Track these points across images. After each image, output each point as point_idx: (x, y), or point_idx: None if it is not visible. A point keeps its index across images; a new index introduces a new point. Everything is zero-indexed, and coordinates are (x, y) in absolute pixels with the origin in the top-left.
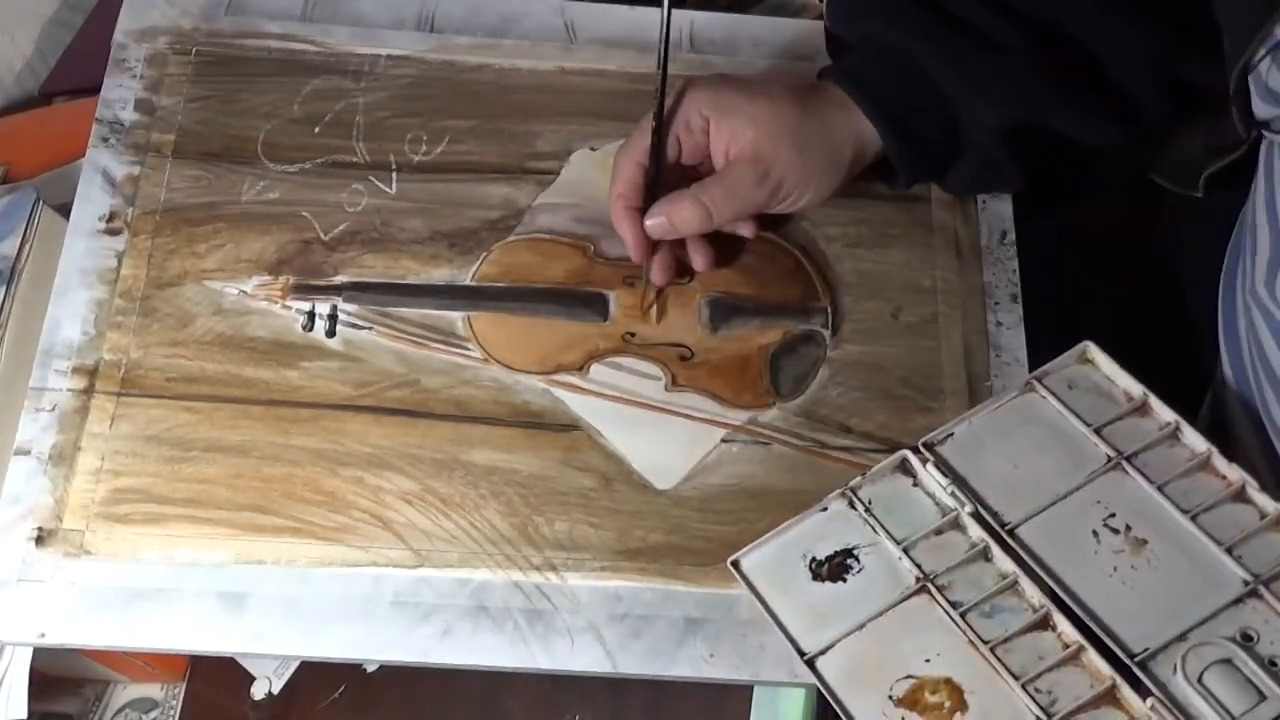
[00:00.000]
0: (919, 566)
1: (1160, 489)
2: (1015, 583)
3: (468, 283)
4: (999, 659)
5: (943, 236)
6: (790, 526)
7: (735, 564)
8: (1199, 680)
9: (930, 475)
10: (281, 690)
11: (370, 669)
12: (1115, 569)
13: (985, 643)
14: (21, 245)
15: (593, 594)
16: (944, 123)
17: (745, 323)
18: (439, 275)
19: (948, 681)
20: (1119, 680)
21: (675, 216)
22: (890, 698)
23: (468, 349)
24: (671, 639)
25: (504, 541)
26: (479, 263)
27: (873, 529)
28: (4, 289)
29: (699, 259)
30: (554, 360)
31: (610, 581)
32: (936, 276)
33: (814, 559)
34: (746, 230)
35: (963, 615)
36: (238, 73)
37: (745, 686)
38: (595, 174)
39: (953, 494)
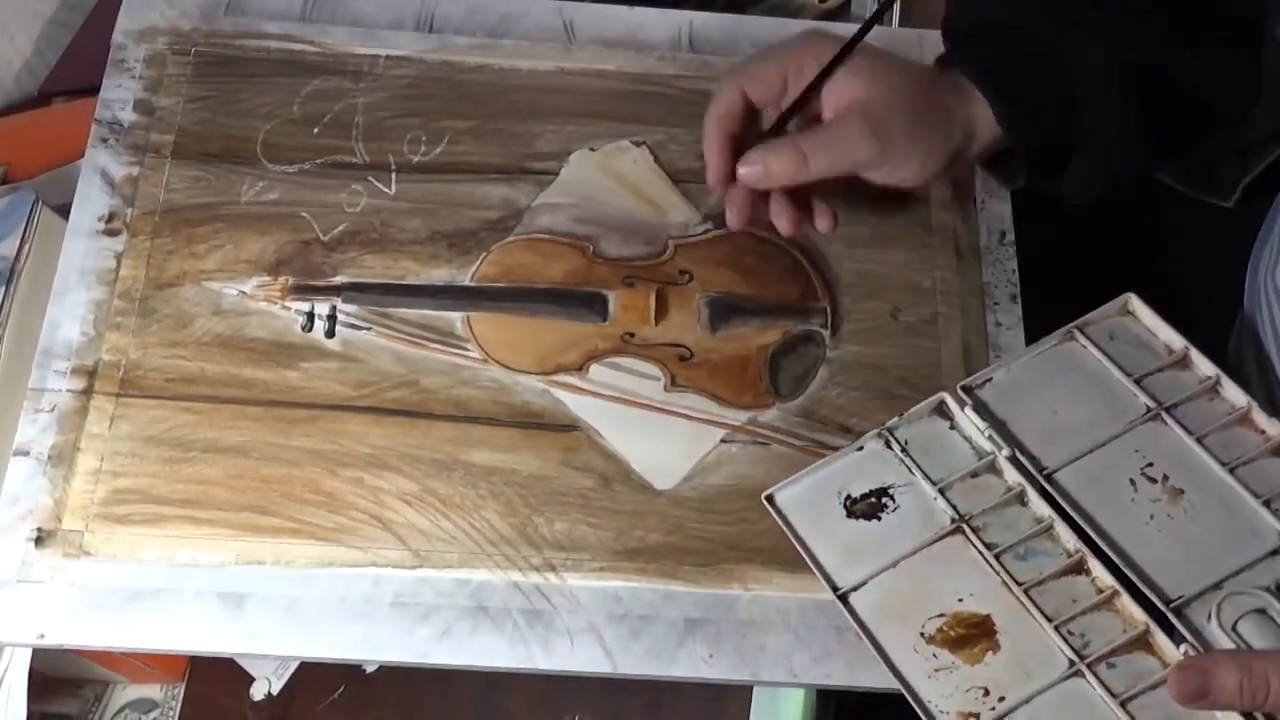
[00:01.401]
0: (954, 507)
1: (1199, 440)
2: (1050, 527)
3: (467, 283)
4: (1032, 601)
5: (942, 237)
6: (826, 464)
7: (770, 498)
8: (1233, 628)
9: (968, 418)
10: (281, 691)
11: (370, 669)
12: (1152, 517)
13: (1019, 584)
14: (21, 246)
15: (592, 594)
16: (1059, 96)
17: (744, 323)
18: (438, 276)
19: (981, 620)
20: (1152, 626)
21: (772, 163)
22: (922, 634)
23: (467, 349)
24: (671, 639)
25: (503, 542)
26: (478, 263)
27: (908, 469)
28: (3, 289)
29: (784, 221)
30: (553, 360)
31: (610, 582)
32: (936, 277)
33: (849, 496)
34: (824, 220)
35: (997, 556)
36: (237, 73)
37: (745, 687)
38: (595, 174)
39: (990, 438)
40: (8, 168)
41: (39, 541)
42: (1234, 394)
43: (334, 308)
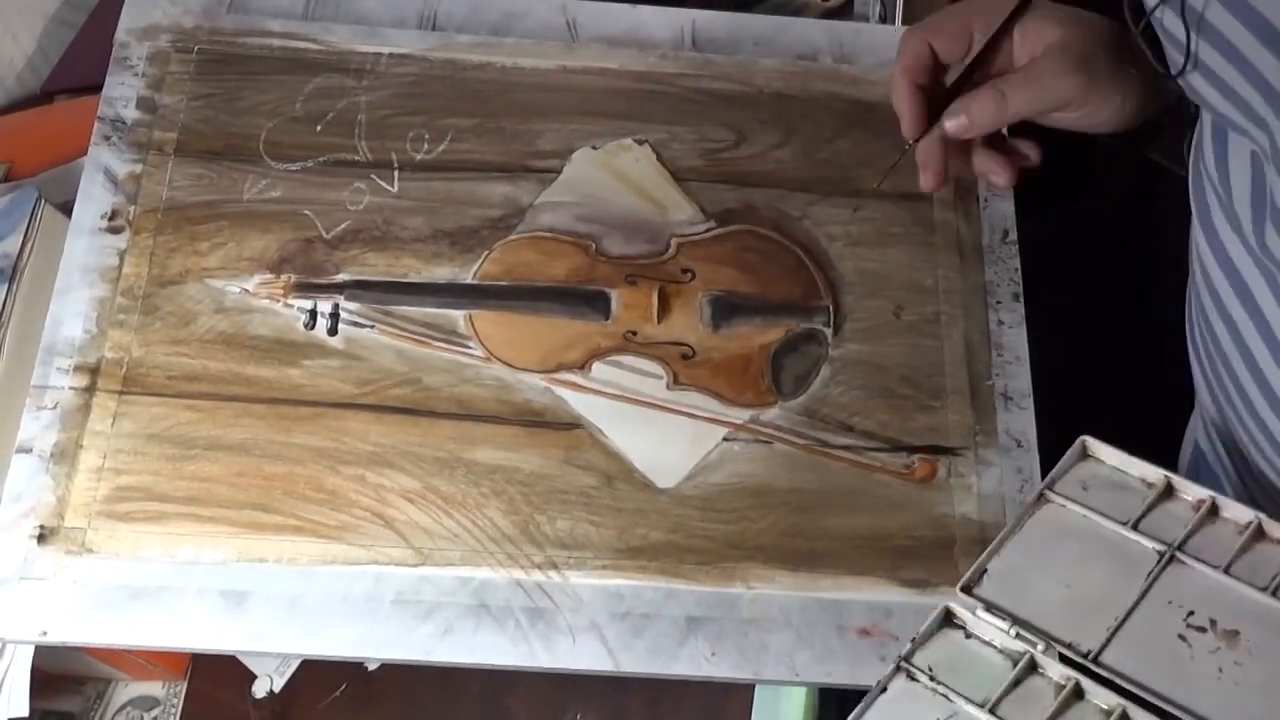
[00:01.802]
0: None
1: (1227, 571)
2: (1125, 715)
3: (469, 281)
4: None
5: (944, 235)
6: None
7: None
8: None
9: (984, 621)
10: (283, 688)
11: (371, 667)
12: (1221, 670)
13: None
14: (23, 243)
15: (594, 592)
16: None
17: (747, 321)
18: (441, 274)
19: None
20: None
21: (974, 109)
22: None
23: (469, 347)
24: (673, 637)
25: (506, 540)
26: (481, 261)
27: (946, 698)
28: (6, 287)
29: (1003, 174)
30: (556, 359)
31: (612, 580)
32: (938, 275)
33: None
34: (1032, 152)
35: None
36: (240, 71)
37: (747, 685)
38: (597, 172)
39: (1017, 635)
40: (10, 165)
41: (41, 539)
42: (1236, 511)
43: (336, 305)
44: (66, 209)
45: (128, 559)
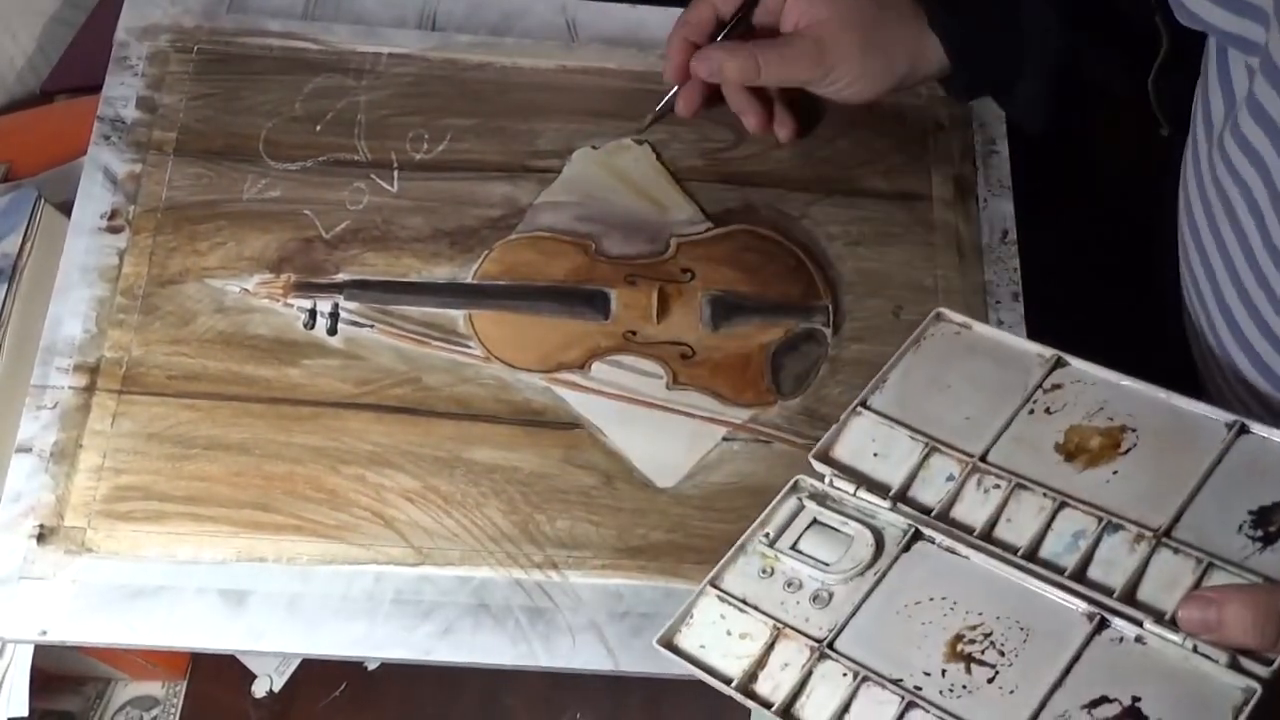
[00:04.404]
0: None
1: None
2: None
3: (469, 281)
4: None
5: (944, 235)
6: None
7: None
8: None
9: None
10: (283, 688)
11: (371, 667)
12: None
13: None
14: (23, 243)
15: (594, 592)
16: (1009, 48)
17: (746, 321)
18: (440, 273)
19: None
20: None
21: (728, 64)
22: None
23: (469, 347)
24: None
25: (505, 539)
26: (480, 261)
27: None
28: (5, 287)
29: (751, 119)
30: (555, 358)
31: (611, 579)
32: (938, 275)
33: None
34: (784, 129)
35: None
36: (239, 71)
37: None
38: (597, 172)
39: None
40: (10, 165)
41: (41, 538)
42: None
43: (336, 305)
44: (66, 209)
45: (127, 558)
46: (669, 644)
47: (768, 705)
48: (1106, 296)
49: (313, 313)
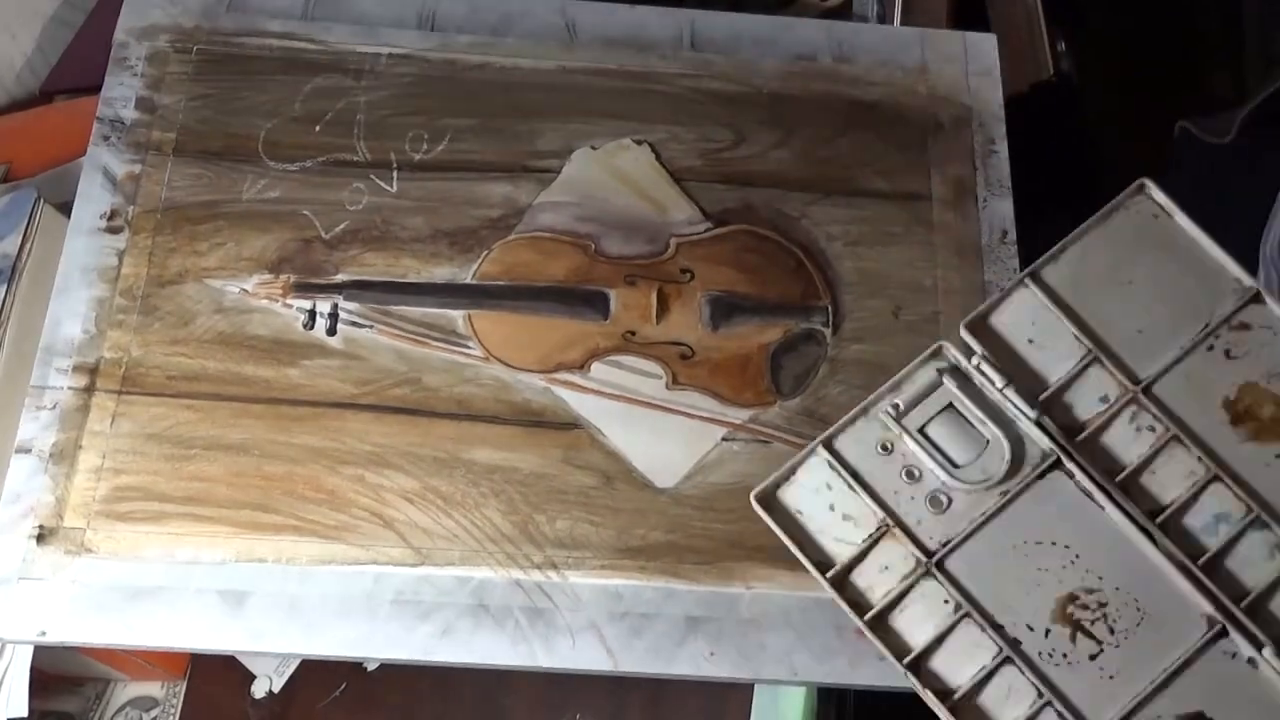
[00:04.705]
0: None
1: None
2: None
3: (469, 281)
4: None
5: (944, 236)
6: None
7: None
8: None
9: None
10: (282, 688)
11: (371, 667)
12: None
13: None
14: (22, 243)
15: (594, 592)
16: None
17: (746, 321)
18: (440, 274)
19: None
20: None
21: None
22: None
23: (469, 347)
24: (672, 637)
25: (505, 540)
26: (480, 261)
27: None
28: (5, 287)
29: None
30: (555, 359)
31: (611, 580)
32: (937, 275)
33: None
34: None
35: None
36: (239, 71)
37: (746, 685)
38: (596, 172)
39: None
40: (9, 166)
41: (40, 539)
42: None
43: (335, 306)
44: (66, 209)
45: (127, 559)
46: (766, 499)
47: (857, 608)
48: None
49: (312, 313)
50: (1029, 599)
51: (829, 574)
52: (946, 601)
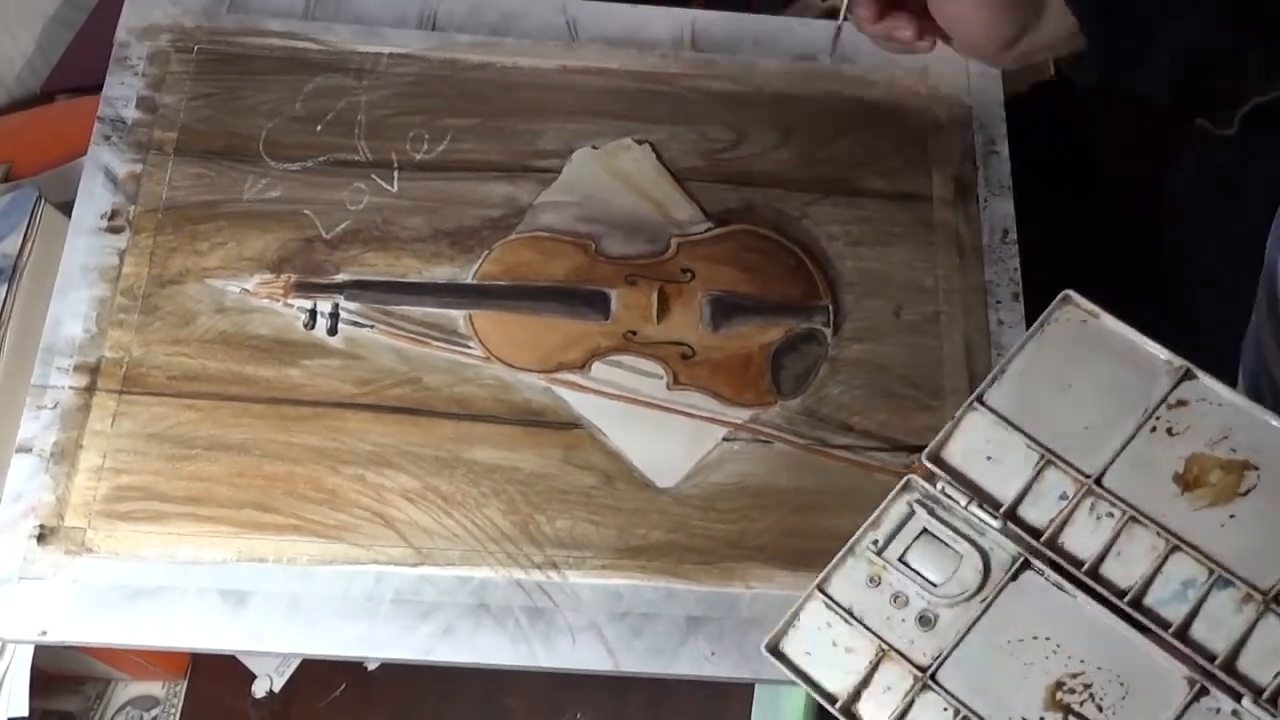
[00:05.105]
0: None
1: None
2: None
3: (469, 281)
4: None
5: (944, 235)
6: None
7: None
8: None
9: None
10: (283, 688)
11: (371, 667)
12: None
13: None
14: (23, 243)
15: (594, 592)
16: (1140, 33)
17: (746, 321)
18: (440, 273)
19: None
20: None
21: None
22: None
23: (469, 347)
24: (673, 637)
25: (505, 539)
26: (480, 261)
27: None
28: (6, 287)
29: (906, 29)
30: (555, 358)
31: (612, 579)
32: (938, 275)
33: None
34: (927, 40)
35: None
36: (240, 71)
37: (747, 685)
38: (597, 172)
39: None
40: (10, 165)
41: (41, 538)
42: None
43: (336, 305)
44: (66, 209)
45: (127, 559)
46: (775, 649)
47: None
48: (1107, 296)
49: (313, 313)
50: (1020, 693)
51: (838, 705)
52: (946, 709)
